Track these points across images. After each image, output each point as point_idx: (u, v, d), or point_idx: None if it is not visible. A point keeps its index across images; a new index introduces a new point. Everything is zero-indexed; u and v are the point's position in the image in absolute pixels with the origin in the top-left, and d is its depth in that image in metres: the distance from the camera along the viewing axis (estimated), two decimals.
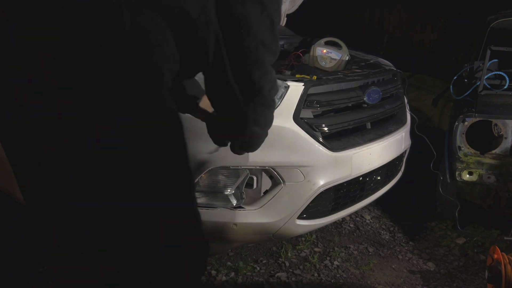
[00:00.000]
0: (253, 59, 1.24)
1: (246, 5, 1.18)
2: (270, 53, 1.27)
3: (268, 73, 1.30)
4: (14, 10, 1.19)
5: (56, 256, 1.40)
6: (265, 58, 1.27)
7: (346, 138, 2.22)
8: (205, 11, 1.15)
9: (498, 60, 3.24)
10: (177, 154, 1.27)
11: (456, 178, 2.78)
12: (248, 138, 1.40)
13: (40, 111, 1.19)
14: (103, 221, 1.25)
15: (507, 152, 2.73)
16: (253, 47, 1.23)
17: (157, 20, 1.13)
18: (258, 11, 1.20)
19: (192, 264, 1.34)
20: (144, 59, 1.12)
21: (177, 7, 1.13)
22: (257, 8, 1.20)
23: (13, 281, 2.30)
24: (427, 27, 6.72)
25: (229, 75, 1.25)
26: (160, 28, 1.13)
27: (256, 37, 1.22)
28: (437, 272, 2.57)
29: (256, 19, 1.20)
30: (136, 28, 1.10)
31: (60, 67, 1.13)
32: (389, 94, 2.61)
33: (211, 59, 1.21)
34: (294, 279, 2.42)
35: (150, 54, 1.13)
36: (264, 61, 1.27)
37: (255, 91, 1.30)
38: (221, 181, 1.98)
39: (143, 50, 1.12)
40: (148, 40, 1.12)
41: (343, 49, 2.53)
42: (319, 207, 2.16)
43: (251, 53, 1.23)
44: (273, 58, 1.30)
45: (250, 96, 1.30)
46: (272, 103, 1.37)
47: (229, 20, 1.18)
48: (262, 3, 1.20)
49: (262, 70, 1.28)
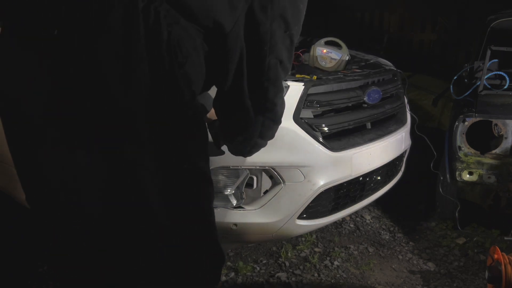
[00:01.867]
0: (272, 76, 1.26)
1: (273, 23, 1.19)
2: (285, 72, 1.30)
3: (281, 90, 1.32)
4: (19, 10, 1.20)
5: (56, 256, 1.40)
6: (281, 76, 1.29)
7: (346, 138, 2.21)
8: (236, 26, 1.16)
9: (498, 60, 3.24)
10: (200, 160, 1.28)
11: (456, 178, 2.78)
12: (249, 148, 1.42)
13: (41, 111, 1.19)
14: (103, 221, 1.25)
15: (507, 152, 2.73)
16: (273, 64, 1.24)
17: (191, 31, 1.13)
18: (282, 29, 1.22)
19: (192, 264, 1.34)
20: (178, 69, 1.13)
21: (212, 19, 1.13)
22: (281, 27, 1.21)
23: (13, 281, 2.30)
24: (427, 27, 6.72)
25: (245, 91, 1.26)
26: (193, 39, 1.14)
27: (277, 55, 1.24)
28: (437, 272, 2.57)
29: (280, 37, 1.22)
30: (172, 38, 1.11)
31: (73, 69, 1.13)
32: (389, 94, 2.61)
33: (231, 75, 1.22)
34: (294, 279, 2.42)
35: (183, 64, 1.13)
36: (280, 79, 1.29)
37: (268, 108, 1.32)
38: (221, 181, 1.98)
39: (177, 60, 1.12)
40: (182, 50, 1.13)
41: (343, 49, 2.53)
42: (319, 207, 2.16)
43: (270, 71, 1.24)
44: (286, 76, 1.32)
45: (262, 112, 1.31)
46: (281, 119, 1.39)
47: (256, 36, 1.19)
48: (287, 23, 1.21)
49: (278, 88, 1.30)
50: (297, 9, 1.24)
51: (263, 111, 1.31)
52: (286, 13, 1.20)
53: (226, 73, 1.22)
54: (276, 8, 1.18)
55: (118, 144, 1.17)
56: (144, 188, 1.20)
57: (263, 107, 1.30)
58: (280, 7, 1.18)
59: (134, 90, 1.12)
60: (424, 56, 6.59)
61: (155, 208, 1.23)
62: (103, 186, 1.20)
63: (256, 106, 1.29)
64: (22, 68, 1.19)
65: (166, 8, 1.09)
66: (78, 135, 1.17)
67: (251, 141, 1.39)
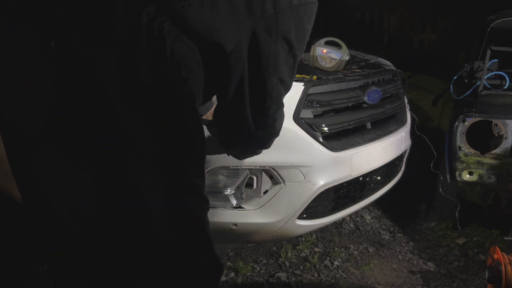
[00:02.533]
0: (275, 95, 1.27)
1: (277, 44, 1.19)
2: (286, 89, 1.31)
3: (282, 106, 1.34)
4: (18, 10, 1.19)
5: (56, 256, 1.40)
6: (282, 94, 1.31)
7: (346, 138, 2.21)
8: (239, 46, 1.16)
9: (498, 60, 3.24)
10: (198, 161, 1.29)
11: (456, 178, 2.78)
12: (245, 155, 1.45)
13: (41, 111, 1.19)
14: (103, 221, 1.24)
15: (507, 152, 2.73)
16: (276, 84, 1.25)
17: (193, 48, 1.14)
18: (286, 50, 1.22)
19: (192, 265, 1.33)
20: (181, 84, 1.14)
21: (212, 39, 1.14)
22: (285, 48, 1.21)
23: (13, 281, 2.30)
24: (427, 27, 6.72)
25: (246, 108, 1.27)
26: (195, 55, 1.14)
27: (280, 75, 1.25)
28: (437, 272, 2.57)
29: (283, 58, 1.23)
30: (175, 53, 1.11)
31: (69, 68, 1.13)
32: (389, 94, 2.61)
33: (231, 92, 1.23)
34: (294, 279, 2.42)
35: (186, 80, 1.14)
36: (281, 96, 1.31)
37: (269, 124, 1.34)
38: (221, 181, 1.98)
39: (180, 76, 1.13)
40: (185, 66, 1.13)
41: (343, 49, 2.53)
42: (319, 207, 2.16)
43: (273, 90, 1.26)
44: (287, 93, 1.33)
45: (262, 127, 1.34)
46: (279, 132, 1.41)
47: (259, 56, 1.20)
48: (291, 44, 1.22)
49: (279, 104, 1.32)
50: (303, 29, 1.25)
51: (263, 126, 1.34)
52: (291, 34, 1.20)
53: (227, 90, 1.23)
54: (281, 30, 1.18)
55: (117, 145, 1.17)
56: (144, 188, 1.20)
57: (264, 123, 1.33)
58: (285, 30, 1.19)
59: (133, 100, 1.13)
60: (424, 56, 6.59)
61: (154, 208, 1.23)
62: (102, 187, 1.20)
63: (257, 122, 1.31)
64: (22, 68, 1.19)
65: (169, 25, 1.09)
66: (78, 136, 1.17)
67: (248, 151, 1.45)
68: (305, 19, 1.24)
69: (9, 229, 2.44)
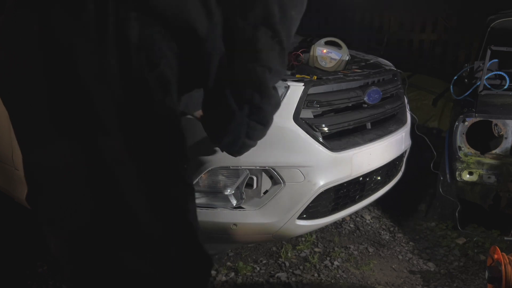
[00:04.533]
0: (257, 83, 1.24)
1: (257, 30, 1.17)
2: (277, 77, 1.27)
3: (271, 96, 1.30)
4: None
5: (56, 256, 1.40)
6: (270, 83, 1.27)
7: (346, 138, 2.22)
8: (214, 31, 1.15)
9: (498, 60, 3.24)
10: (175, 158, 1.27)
11: (456, 178, 2.78)
12: (237, 148, 1.42)
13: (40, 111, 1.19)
14: (103, 221, 1.24)
15: (507, 152, 2.73)
16: (260, 72, 1.22)
17: (165, 33, 1.13)
18: (269, 36, 1.19)
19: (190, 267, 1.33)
20: (148, 71, 1.13)
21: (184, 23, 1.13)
22: (267, 34, 1.19)
23: (13, 281, 2.30)
24: (427, 27, 6.72)
25: (229, 97, 1.25)
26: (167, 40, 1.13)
27: (263, 63, 1.21)
28: (437, 272, 2.57)
29: (266, 44, 1.20)
30: (143, 40, 1.10)
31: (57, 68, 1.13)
32: (389, 94, 2.61)
33: (211, 79, 1.22)
34: (294, 279, 2.42)
35: (156, 65, 1.13)
36: (268, 86, 1.27)
37: (254, 112, 1.30)
38: (221, 181, 1.98)
39: (148, 62, 1.12)
40: (156, 51, 1.12)
41: (343, 49, 2.53)
42: (319, 207, 2.16)
43: (256, 78, 1.22)
44: (278, 81, 1.30)
45: (247, 115, 1.30)
46: (271, 121, 1.37)
47: (237, 43, 1.18)
48: (274, 29, 1.19)
49: (263, 93, 1.27)
50: (287, 15, 1.21)
51: (248, 114, 1.30)
52: (273, 20, 1.17)
53: (206, 77, 1.22)
54: (259, 15, 1.16)
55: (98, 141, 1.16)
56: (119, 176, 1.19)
57: (248, 111, 1.29)
58: (264, 14, 1.16)
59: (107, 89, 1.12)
60: (424, 56, 6.59)
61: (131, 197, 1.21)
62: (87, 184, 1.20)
63: (241, 110, 1.28)
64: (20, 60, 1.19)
65: (137, 11, 1.09)
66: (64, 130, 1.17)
67: (238, 142, 1.38)
68: (288, 4, 1.20)
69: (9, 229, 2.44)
